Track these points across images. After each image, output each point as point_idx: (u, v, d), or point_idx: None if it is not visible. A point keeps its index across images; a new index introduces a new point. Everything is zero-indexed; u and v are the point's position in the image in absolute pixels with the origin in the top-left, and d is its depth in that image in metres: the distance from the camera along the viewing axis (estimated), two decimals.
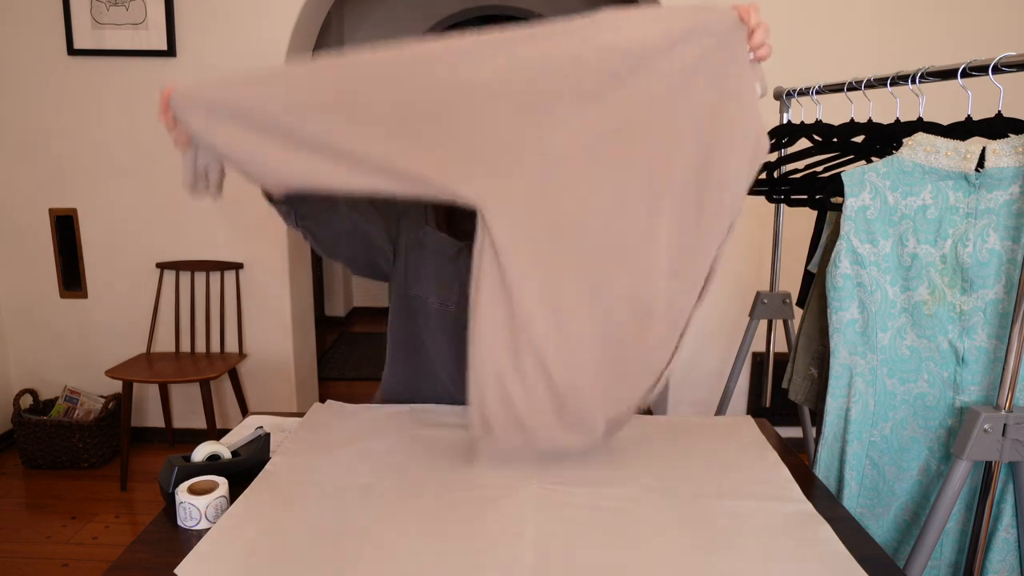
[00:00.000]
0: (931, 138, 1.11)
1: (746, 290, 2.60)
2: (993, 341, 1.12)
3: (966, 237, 1.11)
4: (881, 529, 1.26)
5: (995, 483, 1.10)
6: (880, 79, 1.34)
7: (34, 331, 2.79)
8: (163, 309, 2.73)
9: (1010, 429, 1.04)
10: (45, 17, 2.52)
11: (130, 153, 2.62)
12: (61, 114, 2.59)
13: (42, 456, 2.62)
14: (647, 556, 0.82)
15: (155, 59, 2.54)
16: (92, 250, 2.71)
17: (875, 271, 1.16)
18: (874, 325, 1.18)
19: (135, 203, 2.66)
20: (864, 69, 1.80)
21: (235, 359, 2.64)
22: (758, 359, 2.78)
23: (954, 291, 1.14)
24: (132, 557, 0.83)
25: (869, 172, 1.15)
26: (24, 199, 2.67)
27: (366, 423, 1.18)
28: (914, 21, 2.50)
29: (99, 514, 2.34)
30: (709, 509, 0.93)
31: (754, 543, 0.85)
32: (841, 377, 1.22)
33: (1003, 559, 1.16)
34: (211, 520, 0.88)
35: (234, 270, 2.69)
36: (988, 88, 1.09)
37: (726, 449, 1.13)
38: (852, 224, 1.16)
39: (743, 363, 1.95)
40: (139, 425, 2.87)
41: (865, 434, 1.22)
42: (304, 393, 2.93)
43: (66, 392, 2.71)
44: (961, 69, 1.11)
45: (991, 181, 1.08)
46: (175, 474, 0.93)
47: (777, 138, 1.67)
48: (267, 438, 1.07)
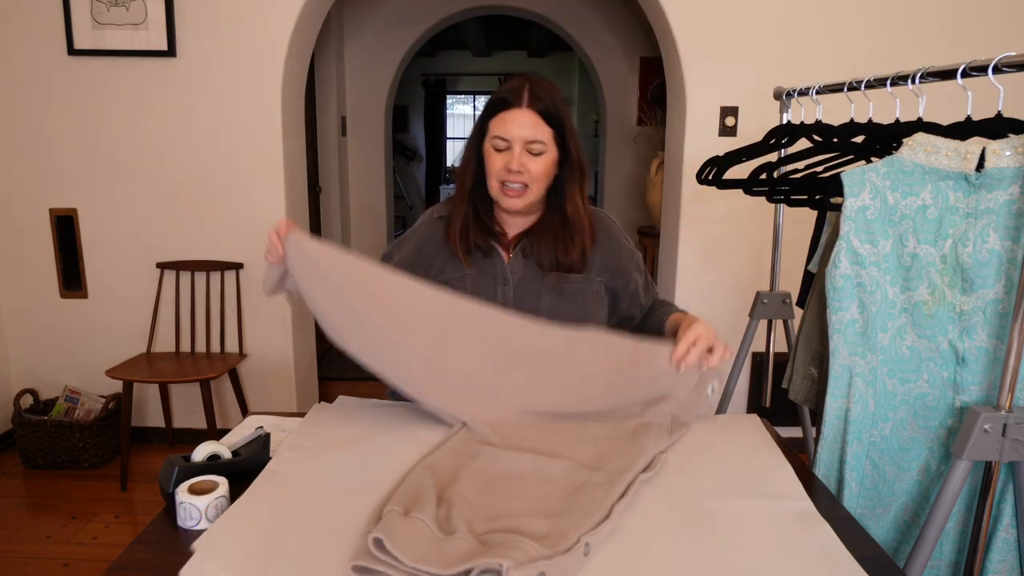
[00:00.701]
0: (931, 138, 1.11)
1: (746, 290, 2.60)
2: (993, 341, 1.12)
3: (966, 237, 1.11)
4: (881, 529, 1.26)
5: (995, 483, 1.10)
6: (880, 79, 1.34)
7: (34, 331, 2.79)
8: (163, 309, 2.73)
9: (1010, 429, 1.04)
10: (45, 17, 2.52)
11: (130, 153, 2.62)
12: (61, 114, 2.60)
13: (42, 456, 2.62)
14: (649, 553, 0.82)
15: (155, 59, 2.54)
16: (92, 250, 2.71)
17: (875, 271, 1.16)
18: (874, 325, 1.18)
19: (135, 203, 2.66)
20: (864, 69, 1.80)
21: (235, 359, 2.64)
22: (758, 359, 2.78)
23: (954, 291, 1.14)
24: (132, 557, 0.83)
25: (869, 172, 1.15)
26: (24, 199, 2.67)
27: (369, 421, 1.19)
28: (914, 21, 2.50)
29: (99, 514, 2.34)
30: (711, 506, 0.93)
31: (755, 541, 0.85)
32: (841, 377, 1.22)
33: (1003, 559, 1.16)
34: (211, 520, 0.88)
35: (234, 270, 2.69)
36: (988, 88, 1.09)
37: (729, 447, 1.13)
38: (852, 224, 1.15)
39: (743, 363, 1.95)
40: (139, 425, 2.87)
41: (865, 434, 1.22)
42: (304, 393, 2.93)
43: (66, 392, 2.71)
44: (961, 69, 1.11)
45: (991, 181, 1.08)
46: (175, 474, 0.93)
47: (777, 138, 1.67)
48: (267, 438, 1.07)
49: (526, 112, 1.17)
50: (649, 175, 4.00)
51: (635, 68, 4.63)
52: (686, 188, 2.65)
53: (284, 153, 2.63)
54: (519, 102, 1.17)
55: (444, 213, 1.31)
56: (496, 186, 1.21)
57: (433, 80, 8.13)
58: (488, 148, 1.21)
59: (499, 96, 1.19)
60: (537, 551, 0.78)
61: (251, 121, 2.60)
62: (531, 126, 1.17)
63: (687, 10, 2.53)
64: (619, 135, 4.75)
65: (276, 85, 2.58)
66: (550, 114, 1.18)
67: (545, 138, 1.18)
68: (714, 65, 2.57)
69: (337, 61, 4.37)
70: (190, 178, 2.64)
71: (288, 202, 2.68)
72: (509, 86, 1.20)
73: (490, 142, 1.20)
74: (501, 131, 1.18)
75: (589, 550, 0.82)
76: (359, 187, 4.74)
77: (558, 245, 1.25)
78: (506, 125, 1.17)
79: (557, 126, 1.19)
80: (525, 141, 1.17)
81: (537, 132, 1.17)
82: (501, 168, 1.19)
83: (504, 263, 1.26)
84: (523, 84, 1.18)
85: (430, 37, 4.72)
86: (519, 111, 1.17)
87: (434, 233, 1.31)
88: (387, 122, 4.74)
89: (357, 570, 0.76)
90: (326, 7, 2.79)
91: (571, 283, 1.27)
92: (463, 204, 1.26)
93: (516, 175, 1.18)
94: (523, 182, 1.19)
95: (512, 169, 1.17)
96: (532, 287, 1.26)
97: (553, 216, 1.26)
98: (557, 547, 0.79)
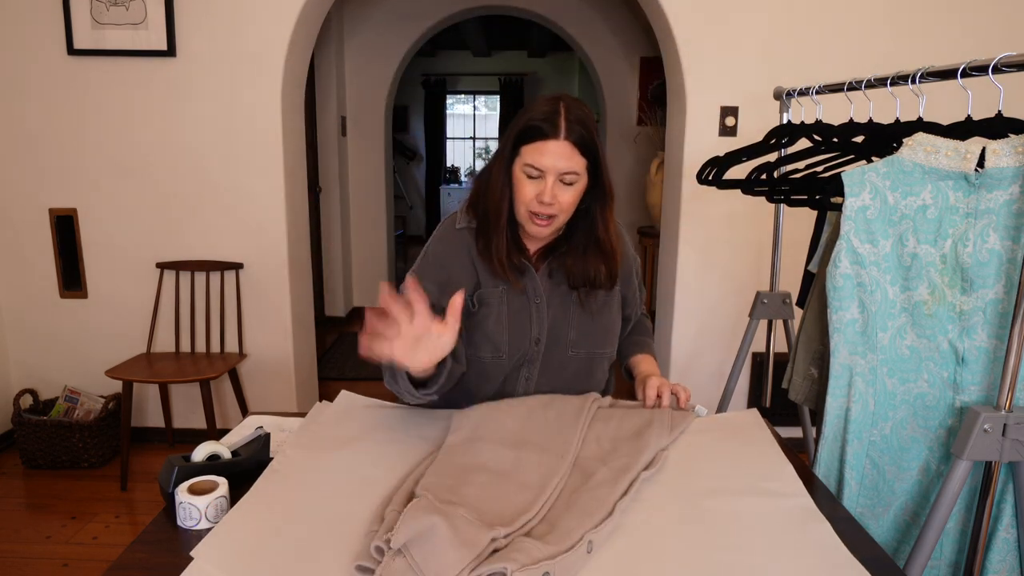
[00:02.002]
0: (931, 138, 1.11)
1: (746, 290, 2.60)
2: (993, 341, 1.12)
3: (966, 237, 1.11)
4: (881, 529, 1.26)
5: (995, 483, 1.10)
6: (880, 79, 1.34)
7: (34, 331, 2.79)
8: (163, 309, 2.73)
9: (1010, 429, 1.04)
10: (45, 17, 2.52)
11: (130, 153, 2.62)
12: (61, 114, 2.60)
13: (42, 456, 2.62)
14: (650, 551, 0.82)
15: (155, 59, 2.54)
16: (92, 250, 2.71)
17: (875, 271, 1.16)
18: (874, 325, 1.18)
19: (135, 203, 2.66)
20: (864, 69, 1.80)
21: (235, 359, 2.64)
22: (758, 359, 2.78)
23: (954, 291, 1.14)
24: (132, 557, 0.83)
25: (869, 172, 1.15)
26: (24, 199, 2.66)
27: (371, 420, 1.19)
28: (914, 21, 2.50)
29: (99, 514, 2.34)
30: (712, 504, 0.93)
31: (756, 538, 0.85)
32: (841, 377, 1.22)
33: (1003, 559, 1.16)
34: (211, 520, 0.88)
35: (234, 270, 2.69)
36: (988, 88, 1.09)
37: (731, 444, 1.13)
38: (852, 224, 1.15)
39: (743, 363, 1.95)
40: (139, 425, 2.87)
41: (865, 434, 1.22)
42: (304, 393, 2.93)
43: (66, 392, 2.71)
44: (961, 69, 1.11)
45: (991, 181, 1.08)
46: (175, 474, 0.93)
47: (777, 138, 1.68)
48: (267, 438, 1.07)
49: (563, 144, 1.13)
50: (649, 175, 4.00)
51: (635, 68, 4.63)
52: (686, 188, 2.65)
53: (284, 153, 2.63)
54: (556, 133, 1.12)
55: (466, 223, 1.27)
56: (525, 213, 1.19)
57: (433, 80, 8.13)
58: (518, 174, 1.17)
59: (535, 123, 1.14)
60: (541, 551, 0.78)
61: (251, 121, 2.60)
62: (567, 158, 1.13)
63: (687, 10, 2.53)
64: (619, 135, 4.75)
65: (276, 85, 2.58)
66: (586, 143, 1.14)
67: (579, 168, 1.15)
68: (714, 65, 2.57)
69: (337, 61, 4.37)
70: (190, 178, 2.64)
71: (288, 202, 2.68)
72: (545, 112, 1.14)
73: (522, 169, 1.16)
74: (535, 160, 1.14)
75: (592, 547, 0.82)
76: (359, 187, 4.74)
77: (589, 267, 1.24)
78: (541, 156, 1.13)
79: (591, 155, 1.16)
80: (560, 172, 1.14)
81: (572, 163, 1.14)
82: (532, 198, 1.16)
83: (536, 280, 1.26)
84: (559, 111, 1.14)
85: (430, 37, 4.72)
86: (556, 143, 1.13)
87: (461, 244, 1.27)
88: (387, 122, 4.74)
89: (360, 570, 0.76)
90: (326, 7, 2.79)
91: (596, 299, 1.28)
92: (504, 233, 1.22)
93: (547, 207, 1.16)
94: (553, 213, 1.17)
95: (544, 201, 1.15)
96: (562, 304, 1.27)
97: (584, 238, 1.25)
98: (560, 545, 0.80)
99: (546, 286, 1.27)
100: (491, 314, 1.24)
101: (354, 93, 4.58)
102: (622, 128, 4.74)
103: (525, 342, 1.25)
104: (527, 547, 0.78)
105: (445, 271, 1.25)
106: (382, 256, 4.89)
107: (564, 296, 1.27)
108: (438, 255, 1.27)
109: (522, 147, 1.16)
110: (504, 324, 1.24)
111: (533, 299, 1.26)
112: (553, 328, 1.26)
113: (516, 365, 1.26)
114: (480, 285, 1.25)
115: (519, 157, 1.17)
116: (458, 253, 1.26)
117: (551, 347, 1.27)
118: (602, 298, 1.29)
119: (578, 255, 1.25)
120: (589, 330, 1.28)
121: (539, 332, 1.26)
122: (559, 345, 1.27)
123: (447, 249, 1.27)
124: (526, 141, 1.15)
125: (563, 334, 1.27)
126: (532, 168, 1.15)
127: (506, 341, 1.24)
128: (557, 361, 1.27)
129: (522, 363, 1.26)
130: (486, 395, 1.27)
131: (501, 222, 1.21)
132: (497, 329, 1.24)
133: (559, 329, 1.27)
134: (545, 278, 1.27)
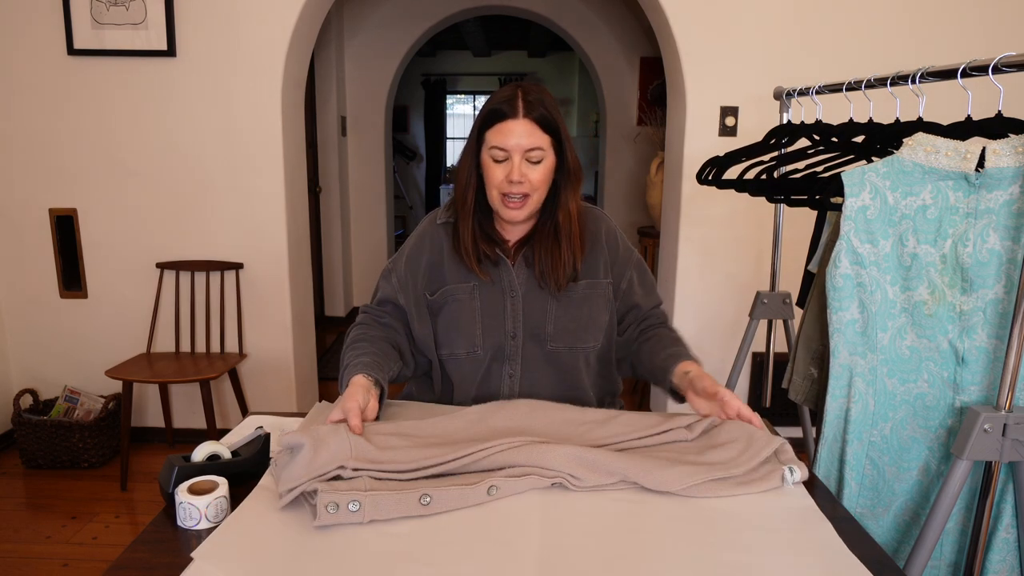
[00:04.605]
0: (931, 138, 1.11)
1: (746, 290, 2.60)
2: (993, 341, 1.12)
3: (966, 237, 1.11)
4: (881, 529, 1.26)
5: (995, 483, 1.11)
6: (880, 79, 1.34)
7: (34, 331, 2.79)
8: (163, 309, 2.73)
9: (1010, 429, 1.04)
10: (45, 17, 2.52)
11: (130, 153, 2.62)
12: (61, 114, 2.60)
13: (42, 456, 2.62)
14: (651, 550, 0.82)
15: (155, 59, 2.54)
16: (92, 250, 2.71)
17: (875, 271, 1.16)
18: (874, 325, 1.18)
19: (135, 203, 2.66)
20: (864, 69, 1.80)
21: (235, 359, 2.64)
22: (758, 359, 2.78)
23: (954, 291, 1.14)
24: (132, 557, 0.83)
25: (869, 172, 1.15)
26: (24, 199, 2.67)
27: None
28: (914, 21, 2.50)
29: (99, 514, 2.34)
30: (712, 503, 0.93)
31: (756, 538, 0.85)
32: (841, 377, 1.22)
33: (1003, 559, 1.16)
34: (211, 520, 0.88)
35: (234, 270, 2.69)
36: (988, 88, 1.09)
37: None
38: (852, 224, 1.15)
39: (743, 363, 1.95)
40: (139, 425, 2.87)
41: (865, 434, 1.22)
42: (304, 393, 2.93)
43: (66, 392, 2.71)
44: (961, 69, 1.11)
45: (991, 181, 1.08)
46: (175, 474, 0.93)
47: (777, 138, 1.68)
48: (267, 438, 1.07)
49: (523, 122, 1.16)
50: (649, 175, 4.00)
51: (635, 68, 4.63)
52: (686, 188, 2.65)
53: (284, 153, 2.63)
54: (514, 112, 1.16)
55: (446, 219, 1.30)
56: (497, 197, 1.21)
57: (433, 80, 8.13)
58: (486, 159, 1.20)
59: (493, 107, 1.18)
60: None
61: (251, 121, 2.60)
62: (528, 135, 1.16)
63: (687, 10, 2.53)
64: (619, 135, 4.75)
65: (276, 85, 2.58)
66: (546, 121, 1.17)
67: (544, 144, 1.18)
68: (714, 65, 2.57)
69: (337, 61, 4.37)
70: (190, 178, 2.64)
71: (288, 202, 2.68)
72: (502, 96, 1.18)
73: (488, 153, 1.19)
74: (499, 142, 1.17)
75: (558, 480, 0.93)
76: (359, 187, 4.74)
77: (553, 254, 1.25)
78: (504, 136, 1.16)
79: (554, 132, 1.19)
80: (524, 150, 1.16)
81: (535, 140, 1.17)
82: (502, 179, 1.18)
83: (511, 273, 1.26)
84: (516, 93, 1.18)
85: (430, 37, 4.72)
86: (515, 122, 1.16)
87: (437, 239, 1.30)
88: (387, 122, 4.74)
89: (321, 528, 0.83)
90: (326, 7, 2.79)
91: (576, 290, 1.27)
92: (469, 219, 1.24)
93: (517, 185, 1.17)
94: (524, 192, 1.19)
95: (513, 180, 1.17)
96: (538, 296, 1.26)
97: (548, 224, 1.26)
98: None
99: (522, 279, 1.27)
100: (463, 309, 1.25)
101: (354, 93, 4.58)
102: (622, 128, 4.73)
103: (499, 336, 1.25)
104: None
105: (412, 269, 1.30)
106: (382, 256, 4.89)
107: (542, 289, 1.26)
108: (411, 251, 1.32)
109: (486, 132, 1.19)
110: (477, 319, 1.25)
111: (508, 292, 1.26)
112: (529, 322, 1.26)
113: (494, 361, 1.26)
114: (447, 281, 1.27)
115: (484, 143, 1.20)
116: (435, 243, 1.30)
117: (529, 342, 1.26)
118: (582, 290, 1.27)
119: (543, 242, 1.26)
120: (567, 323, 1.26)
121: (514, 326, 1.25)
122: (537, 339, 1.26)
123: (420, 244, 1.32)
124: (489, 126, 1.19)
125: (540, 328, 1.26)
126: (498, 150, 1.18)
127: (479, 335, 1.25)
128: (537, 356, 1.27)
129: (501, 360, 1.26)
130: (467, 395, 1.27)
131: (467, 208, 1.24)
132: (469, 324, 1.25)
133: (536, 323, 1.26)
134: (521, 270, 1.27)
